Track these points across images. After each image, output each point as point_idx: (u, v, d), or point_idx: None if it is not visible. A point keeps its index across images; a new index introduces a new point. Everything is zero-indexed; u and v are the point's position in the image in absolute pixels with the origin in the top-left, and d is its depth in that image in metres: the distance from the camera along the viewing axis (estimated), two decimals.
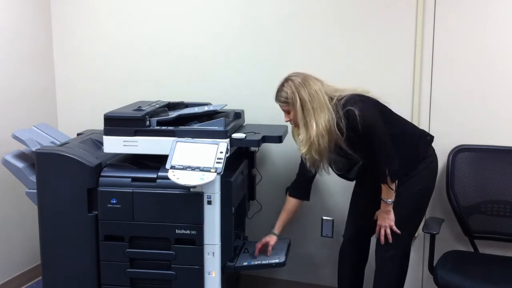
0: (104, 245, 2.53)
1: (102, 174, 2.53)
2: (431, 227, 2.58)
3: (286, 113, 2.49)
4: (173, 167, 2.40)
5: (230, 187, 2.51)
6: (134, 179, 2.51)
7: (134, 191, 2.48)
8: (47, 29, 3.46)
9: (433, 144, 2.60)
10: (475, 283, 2.39)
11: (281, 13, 3.03)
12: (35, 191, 2.59)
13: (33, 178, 2.63)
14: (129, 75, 3.36)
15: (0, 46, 3.10)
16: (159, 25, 3.26)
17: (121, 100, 2.99)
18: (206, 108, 2.83)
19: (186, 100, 3.02)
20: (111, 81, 3.40)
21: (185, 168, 2.39)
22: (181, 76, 3.25)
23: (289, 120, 2.49)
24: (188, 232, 2.46)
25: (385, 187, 2.40)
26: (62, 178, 2.52)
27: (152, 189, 2.48)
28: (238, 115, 2.87)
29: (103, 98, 3.37)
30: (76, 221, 2.53)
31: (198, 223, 2.45)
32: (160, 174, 2.49)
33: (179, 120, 2.67)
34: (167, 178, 2.39)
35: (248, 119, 3.00)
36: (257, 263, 2.63)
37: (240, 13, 3.11)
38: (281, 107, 2.50)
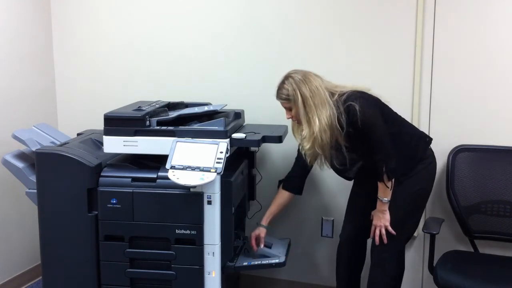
0: (104, 245, 2.53)
1: (102, 174, 2.53)
2: (431, 227, 2.58)
3: (288, 111, 2.49)
4: (173, 167, 2.40)
5: (230, 187, 2.51)
6: (134, 179, 2.51)
7: (134, 191, 2.48)
8: (47, 29, 3.46)
9: (433, 144, 2.60)
10: (475, 283, 2.39)
11: (281, 13, 3.03)
12: (35, 191, 2.59)
13: (33, 178, 2.63)
14: (129, 75, 3.36)
15: (0, 46, 3.11)
16: (159, 25, 3.26)
17: (121, 100, 2.99)
18: (206, 108, 2.83)
19: (186, 100, 3.02)
20: (111, 81, 3.40)
21: (185, 168, 2.39)
22: (181, 76, 3.25)
23: (291, 117, 2.49)
24: (188, 232, 2.46)
25: (382, 185, 2.40)
26: (62, 178, 2.52)
27: (152, 189, 2.48)
28: (238, 115, 2.87)
29: (103, 98, 3.37)
30: (76, 221, 2.53)
31: (198, 223, 2.45)
32: (160, 174, 2.49)
33: (179, 120, 2.67)
34: (167, 178, 2.38)
35: (248, 119, 3.00)
36: (257, 263, 2.63)
37: (240, 13, 3.11)
38: (282, 104, 2.51)
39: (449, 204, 2.76)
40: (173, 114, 2.72)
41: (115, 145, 2.55)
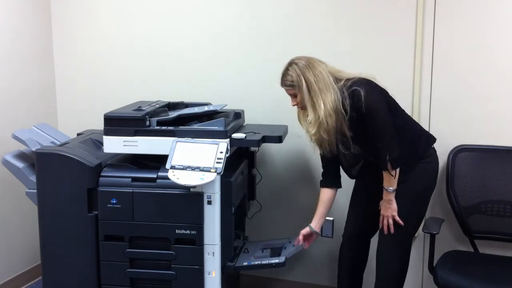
0: (104, 245, 2.53)
1: (102, 174, 2.53)
2: (431, 227, 2.58)
3: (293, 97, 2.48)
4: (173, 167, 2.40)
5: (230, 187, 2.51)
6: (134, 179, 2.51)
7: (134, 191, 2.48)
8: (47, 29, 3.46)
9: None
10: (475, 283, 2.39)
11: (281, 13, 3.03)
12: (35, 191, 2.59)
13: (33, 178, 2.63)
14: (129, 75, 3.36)
15: (0, 46, 3.11)
16: (159, 25, 3.26)
17: (121, 100, 2.99)
18: (206, 108, 2.83)
19: (186, 100, 3.02)
20: (111, 81, 3.40)
21: (185, 168, 2.39)
22: (181, 76, 3.25)
23: (296, 104, 2.48)
24: (188, 232, 2.46)
25: (386, 174, 2.39)
26: (62, 178, 2.52)
27: (152, 189, 2.48)
28: (238, 115, 2.87)
29: (103, 98, 3.37)
30: (76, 221, 2.53)
31: (198, 223, 2.45)
32: (160, 174, 2.49)
33: (179, 120, 2.67)
34: (167, 178, 2.39)
35: (248, 119, 3.00)
36: (257, 263, 2.63)
37: (240, 13, 3.11)
38: (287, 91, 2.50)
39: (449, 204, 2.76)
40: (173, 114, 2.72)
41: (115, 145, 2.55)
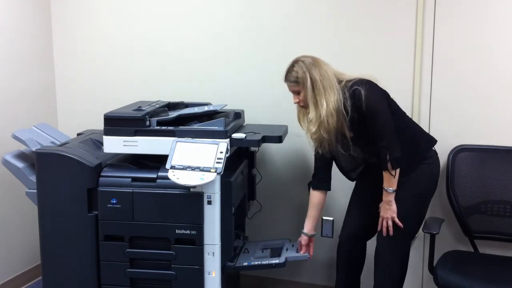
0: (104, 245, 2.53)
1: (102, 174, 2.53)
2: (431, 227, 2.58)
3: (295, 94, 2.48)
4: (173, 167, 2.40)
5: (230, 187, 2.51)
6: (134, 179, 2.51)
7: (134, 191, 2.48)
8: (47, 29, 3.46)
9: None
10: (475, 283, 2.39)
11: (281, 13, 3.03)
12: (35, 191, 2.59)
13: (33, 178, 2.63)
14: (129, 75, 3.36)
15: (0, 46, 3.11)
16: (159, 25, 3.26)
17: (121, 100, 2.99)
18: (206, 108, 2.83)
19: (186, 100, 3.02)
20: (111, 81, 3.40)
21: (185, 168, 2.39)
22: (181, 76, 3.25)
23: (298, 102, 2.48)
24: (188, 232, 2.46)
25: (387, 174, 2.39)
26: (62, 178, 2.52)
27: (152, 189, 2.48)
28: (238, 115, 2.87)
29: (103, 98, 3.37)
30: (76, 221, 2.53)
31: (198, 223, 2.45)
32: (160, 174, 2.49)
33: (179, 120, 2.67)
34: (167, 178, 2.39)
35: (248, 119, 3.00)
36: (257, 263, 2.63)
37: (240, 13, 3.11)
38: (290, 87, 2.49)
39: (449, 204, 2.76)
40: (173, 114, 2.72)
41: (115, 145, 2.55)
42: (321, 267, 3.17)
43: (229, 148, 2.50)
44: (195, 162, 2.40)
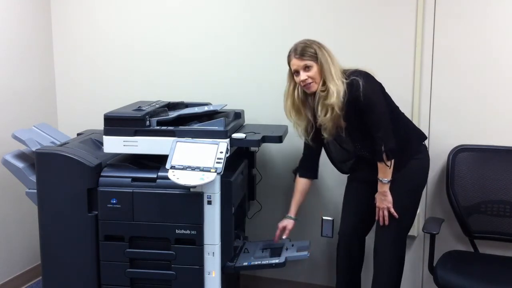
0: (104, 245, 2.53)
1: (102, 174, 2.53)
2: (431, 227, 2.58)
3: (306, 70, 2.40)
4: (173, 167, 2.40)
5: (230, 187, 2.51)
6: (134, 179, 2.51)
7: (134, 191, 2.48)
8: (47, 29, 3.46)
9: (433, 144, 2.61)
10: (475, 283, 2.39)
11: (281, 13, 3.03)
12: (35, 191, 2.59)
13: (33, 178, 2.63)
14: (129, 75, 3.36)
15: (0, 46, 3.11)
16: (159, 25, 3.26)
17: (121, 100, 2.99)
18: (206, 108, 2.83)
19: (186, 100, 3.02)
20: (111, 81, 3.40)
21: (185, 168, 2.39)
22: (181, 76, 3.25)
23: (306, 78, 2.40)
24: (188, 232, 2.46)
25: (381, 165, 2.40)
26: (62, 178, 2.52)
27: (152, 189, 2.48)
28: (238, 115, 2.87)
29: (103, 98, 3.37)
30: (76, 221, 2.53)
31: (198, 223, 2.45)
32: (160, 174, 2.49)
33: (179, 120, 2.67)
34: (167, 178, 2.39)
35: (248, 119, 3.00)
36: (257, 263, 2.63)
37: (240, 13, 3.11)
38: (304, 62, 2.40)
39: (449, 204, 2.76)
40: (173, 114, 2.72)
41: (115, 145, 2.55)
42: (321, 267, 3.17)
43: (229, 148, 2.50)
44: (195, 162, 2.40)
